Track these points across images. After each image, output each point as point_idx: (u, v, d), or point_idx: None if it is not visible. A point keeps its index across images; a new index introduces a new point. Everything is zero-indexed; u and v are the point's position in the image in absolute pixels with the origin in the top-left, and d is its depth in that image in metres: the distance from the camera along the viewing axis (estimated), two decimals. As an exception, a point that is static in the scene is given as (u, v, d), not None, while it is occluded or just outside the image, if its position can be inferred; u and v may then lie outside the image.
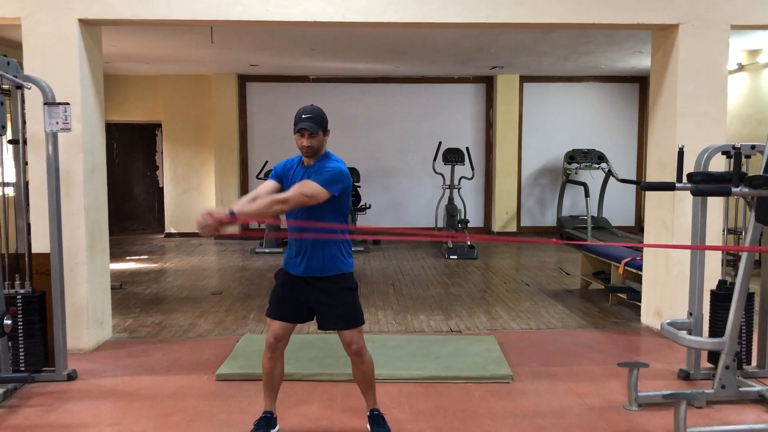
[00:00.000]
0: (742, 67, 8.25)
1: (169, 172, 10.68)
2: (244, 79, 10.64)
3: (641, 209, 10.71)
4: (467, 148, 9.85)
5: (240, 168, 10.58)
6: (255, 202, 2.86)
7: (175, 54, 8.57)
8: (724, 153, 3.95)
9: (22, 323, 3.92)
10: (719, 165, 4.31)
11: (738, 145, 3.64)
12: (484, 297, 6.34)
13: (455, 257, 8.49)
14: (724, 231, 4.67)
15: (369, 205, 9.94)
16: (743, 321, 3.75)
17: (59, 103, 3.94)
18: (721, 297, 3.80)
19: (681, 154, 3.94)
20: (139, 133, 11.10)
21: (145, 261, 8.42)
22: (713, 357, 3.87)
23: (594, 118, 11.01)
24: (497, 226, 10.77)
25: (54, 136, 3.96)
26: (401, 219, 10.87)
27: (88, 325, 4.55)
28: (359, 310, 3.06)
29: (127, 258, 8.62)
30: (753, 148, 3.72)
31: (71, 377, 3.99)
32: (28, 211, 4.23)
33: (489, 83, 10.90)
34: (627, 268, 5.69)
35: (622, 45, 7.88)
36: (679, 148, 3.97)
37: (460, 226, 9.25)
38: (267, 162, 9.73)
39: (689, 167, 4.01)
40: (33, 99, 4.19)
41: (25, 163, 4.20)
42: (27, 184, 4.25)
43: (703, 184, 3.59)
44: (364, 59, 8.91)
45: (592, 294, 6.44)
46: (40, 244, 4.26)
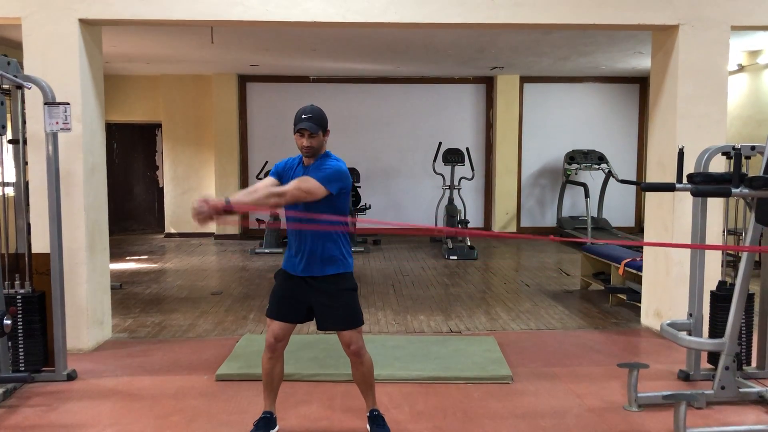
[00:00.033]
0: (742, 68, 8.25)
1: (169, 172, 10.68)
2: (244, 80, 10.64)
3: (641, 210, 10.71)
4: (467, 149, 9.86)
5: (240, 168, 10.58)
6: (252, 194, 2.87)
7: (175, 54, 8.57)
8: (724, 154, 3.95)
9: (21, 323, 3.92)
10: (719, 166, 4.31)
11: (738, 146, 3.64)
12: (484, 297, 6.34)
13: (455, 258, 8.49)
14: (724, 232, 4.67)
15: (369, 206, 9.94)
16: (743, 322, 3.75)
17: (59, 103, 3.94)
18: (721, 298, 3.80)
19: (681, 154, 3.94)
20: (140, 133, 11.10)
21: (145, 261, 8.42)
22: (713, 358, 3.87)
23: (594, 118, 11.01)
24: (497, 226, 10.77)
25: (54, 136, 3.96)
26: (401, 219, 10.87)
27: (87, 325, 4.55)
28: (359, 310, 3.07)
29: (127, 258, 8.62)
30: (753, 149, 3.72)
31: (71, 377, 3.99)
32: (28, 211, 4.23)
33: (489, 84, 10.90)
34: (627, 268, 5.69)
35: (622, 46, 7.88)
36: (679, 149, 3.97)
37: (460, 226, 9.26)
38: (267, 162, 9.74)
39: (689, 168, 4.01)
40: (33, 99, 4.19)
41: (25, 163, 4.20)
42: (27, 184, 4.26)
43: (703, 185, 3.60)
44: (364, 59, 8.91)
45: (591, 295, 6.44)
46: (40, 244, 4.26)
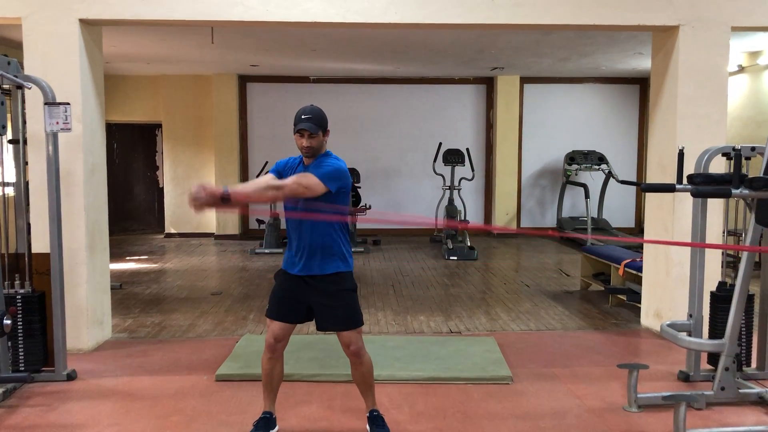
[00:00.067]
0: (742, 69, 8.25)
1: (170, 173, 10.69)
2: (244, 80, 10.64)
3: (641, 211, 10.71)
4: (467, 149, 9.87)
5: (240, 168, 10.58)
6: (251, 186, 2.86)
7: (175, 54, 8.57)
8: (724, 155, 3.95)
9: (21, 323, 3.92)
10: (719, 167, 4.31)
11: (738, 146, 3.64)
12: (483, 298, 6.34)
13: (455, 258, 8.49)
14: (724, 233, 4.67)
15: (369, 206, 9.94)
16: (743, 323, 3.75)
17: (59, 103, 3.94)
18: (721, 299, 3.80)
19: (681, 155, 3.94)
20: (140, 134, 11.10)
21: (145, 261, 8.42)
22: (713, 359, 3.87)
23: (594, 119, 11.01)
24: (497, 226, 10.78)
25: (54, 136, 3.96)
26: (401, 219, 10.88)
27: (87, 325, 4.55)
28: (358, 311, 3.06)
29: (127, 258, 8.62)
30: (753, 149, 3.72)
31: (71, 377, 3.99)
32: (28, 211, 4.23)
33: (489, 84, 10.90)
34: (627, 269, 5.68)
35: (622, 46, 7.88)
36: (680, 150, 3.97)
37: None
38: (267, 162, 9.74)
39: (689, 169, 4.02)
40: (33, 99, 4.19)
41: (26, 163, 4.20)
42: (27, 184, 4.25)
43: (703, 186, 3.60)
44: (364, 60, 8.91)
45: (591, 295, 6.44)
46: (40, 244, 4.26)
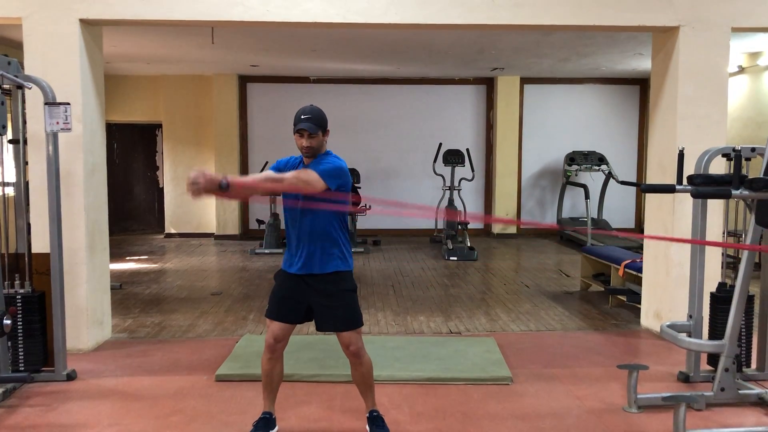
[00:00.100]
0: (742, 70, 8.25)
1: (170, 173, 10.69)
2: (244, 80, 10.65)
3: (641, 211, 10.71)
4: (467, 150, 9.86)
5: (240, 169, 10.57)
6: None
7: (175, 54, 8.57)
8: (724, 155, 3.95)
9: (21, 323, 3.92)
10: (719, 167, 4.31)
11: (738, 147, 3.64)
12: (483, 298, 6.34)
13: (455, 258, 8.49)
14: (724, 233, 4.67)
15: (369, 206, 9.93)
16: (743, 323, 3.74)
17: (60, 103, 3.94)
18: (721, 299, 3.80)
19: (681, 156, 3.94)
20: (140, 134, 11.10)
21: (144, 261, 8.42)
22: (713, 359, 3.87)
23: (594, 120, 11.01)
24: (497, 227, 10.77)
25: (54, 136, 3.96)
26: (401, 220, 10.87)
27: (87, 325, 4.54)
28: (358, 311, 3.06)
29: (127, 258, 8.62)
30: (753, 150, 3.72)
31: (70, 377, 3.99)
32: (28, 211, 4.23)
33: (489, 85, 10.90)
34: (627, 270, 5.68)
35: (622, 47, 7.88)
36: (680, 151, 3.97)
37: (459, 227, 9.26)
38: (267, 162, 9.72)
39: (689, 169, 4.02)
40: (33, 99, 4.19)
41: (26, 162, 4.20)
42: (27, 183, 4.25)
43: (704, 187, 3.60)
44: (364, 60, 8.91)
45: (591, 296, 6.44)
46: (40, 244, 4.26)
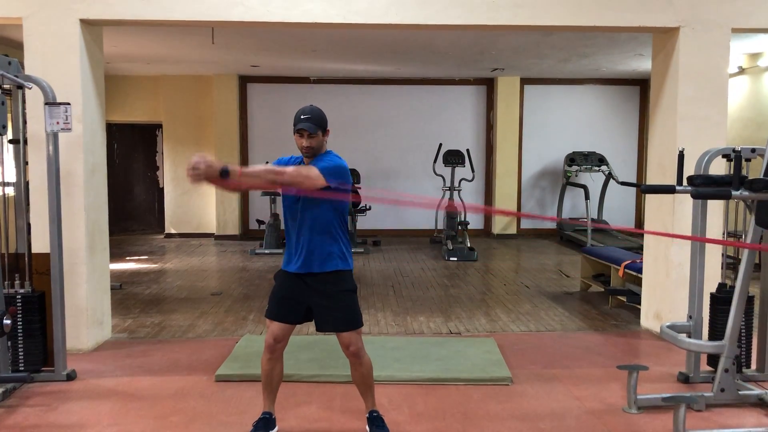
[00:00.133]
0: (742, 71, 8.26)
1: (170, 173, 10.69)
2: (244, 80, 10.65)
3: (641, 212, 10.71)
4: (468, 150, 9.86)
5: (240, 169, 10.56)
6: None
7: (176, 54, 8.57)
8: (724, 156, 3.95)
9: (21, 323, 3.92)
10: (719, 168, 4.31)
11: (738, 148, 3.64)
12: (483, 299, 6.34)
13: (455, 259, 8.49)
14: (724, 234, 4.67)
15: (369, 207, 9.94)
16: (743, 324, 3.74)
17: (60, 103, 3.94)
18: (721, 300, 3.80)
19: (681, 157, 3.94)
20: (140, 134, 11.10)
21: (144, 261, 8.42)
22: (713, 360, 3.87)
23: (594, 120, 11.02)
24: (497, 228, 10.77)
25: (55, 136, 3.96)
26: (401, 220, 10.88)
27: (87, 325, 4.54)
28: (358, 312, 3.06)
29: (127, 258, 8.62)
30: (753, 151, 3.72)
31: (70, 377, 3.98)
32: (28, 211, 4.23)
33: (490, 85, 10.90)
34: (627, 270, 5.68)
35: (622, 47, 7.88)
36: (680, 151, 3.97)
37: (460, 227, 9.26)
38: (267, 163, 9.69)
39: (689, 170, 4.01)
40: (34, 99, 4.19)
41: (26, 162, 4.20)
42: (27, 183, 4.25)
43: (704, 187, 3.60)
44: (365, 61, 8.91)
45: (591, 296, 6.44)
46: (40, 244, 4.26)
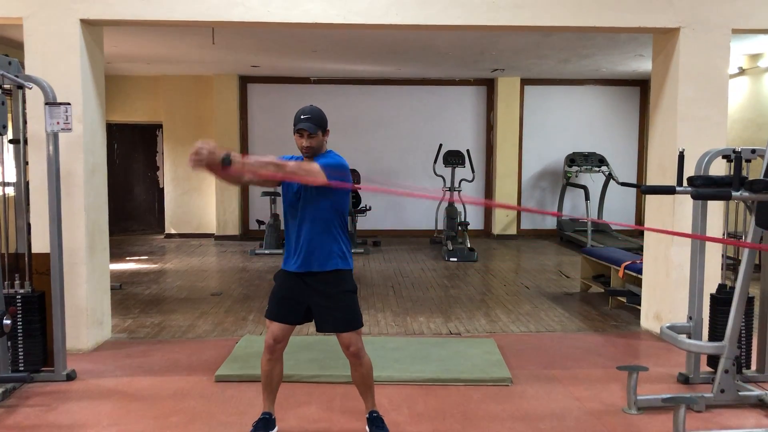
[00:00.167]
0: (743, 71, 8.26)
1: (170, 173, 10.68)
2: (245, 80, 10.65)
3: (641, 213, 10.71)
4: (468, 151, 9.86)
5: (240, 169, 10.56)
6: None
7: (176, 55, 8.57)
8: (724, 157, 3.95)
9: (21, 323, 3.92)
10: (720, 169, 4.31)
11: (738, 149, 3.64)
12: (483, 299, 6.33)
13: (455, 259, 8.48)
14: (724, 235, 4.67)
15: (369, 207, 9.95)
16: (743, 325, 3.75)
17: (60, 103, 3.94)
18: (721, 301, 3.80)
19: (681, 157, 3.94)
20: (140, 134, 11.10)
21: (145, 262, 8.42)
22: (713, 361, 3.86)
23: (595, 121, 11.02)
24: (497, 228, 10.77)
25: (55, 136, 3.96)
26: (401, 221, 10.89)
27: (87, 326, 4.54)
28: (358, 312, 3.06)
29: (127, 258, 8.62)
30: (753, 152, 3.72)
31: (70, 377, 3.98)
32: (28, 211, 4.23)
33: (490, 86, 10.90)
34: (627, 271, 5.68)
35: (623, 48, 7.88)
36: (680, 152, 3.97)
37: (460, 228, 9.26)
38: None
39: (690, 171, 4.01)
40: (34, 99, 4.19)
41: (26, 162, 4.20)
42: (27, 183, 4.25)
43: (704, 188, 3.60)
44: (365, 61, 8.91)
45: (591, 297, 6.44)
46: (40, 244, 4.26)
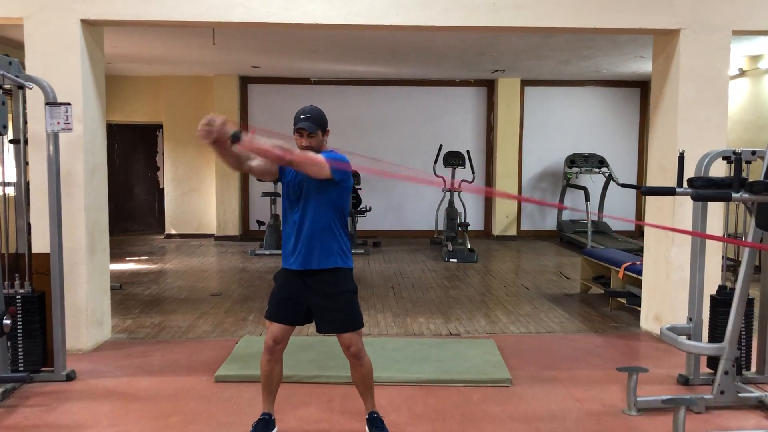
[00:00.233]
0: (743, 73, 8.26)
1: (170, 173, 10.69)
2: (245, 81, 10.65)
3: (641, 214, 10.71)
4: (468, 152, 9.86)
5: (241, 169, 10.56)
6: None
7: (176, 55, 8.58)
8: (724, 158, 3.95)
9: (21, 323, 3.92)
10: (720, 170, 4.31)
11: (739, 150, 3.64)
12: (483, 300, 6.33)
13: (455, 260, 8.48)
14: (724, 236, 4.67)
15: (369, 208, 9.94)
16: (743, 326, 3.74)
17: (61, 104, 3.94)
18: (721, 302, 3.80)
19: (682, 159, 3.94)
20: (140, 134, 11.10)
21: (145, 262, 8.42)
22: (713, 362, 3.86)
23: (595, 122, 11.02)
24: (497, 229, 10.77)
25: (55, 136, 3.97)
26: (402, 222, 10.88)
27: (87, 326, 4.54)
28: (358, 313, 3.06)
29: (127, 259, 8.62)
30: (753, 153, 3.72)
31: (70, 377, 3.98)
32: (28, 211, 4.23)
33: (490, 87, 10.90)
34: (627, 272, 5.68)
35: (623, 49, 7.88)
36: (680, 153, 3.97)
37: (460, 229, 9.25)
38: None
39: (690, 172, 4.01)
40: (34, 99, 4.19)
41: (26, 163, 4.20)
42: (28, 184, 4.25)
43: (704, 190, 3.60)
44: (365, 62, 8.91)
45: (591, 298, 6.44)
46: (40, 244, 4.26)
